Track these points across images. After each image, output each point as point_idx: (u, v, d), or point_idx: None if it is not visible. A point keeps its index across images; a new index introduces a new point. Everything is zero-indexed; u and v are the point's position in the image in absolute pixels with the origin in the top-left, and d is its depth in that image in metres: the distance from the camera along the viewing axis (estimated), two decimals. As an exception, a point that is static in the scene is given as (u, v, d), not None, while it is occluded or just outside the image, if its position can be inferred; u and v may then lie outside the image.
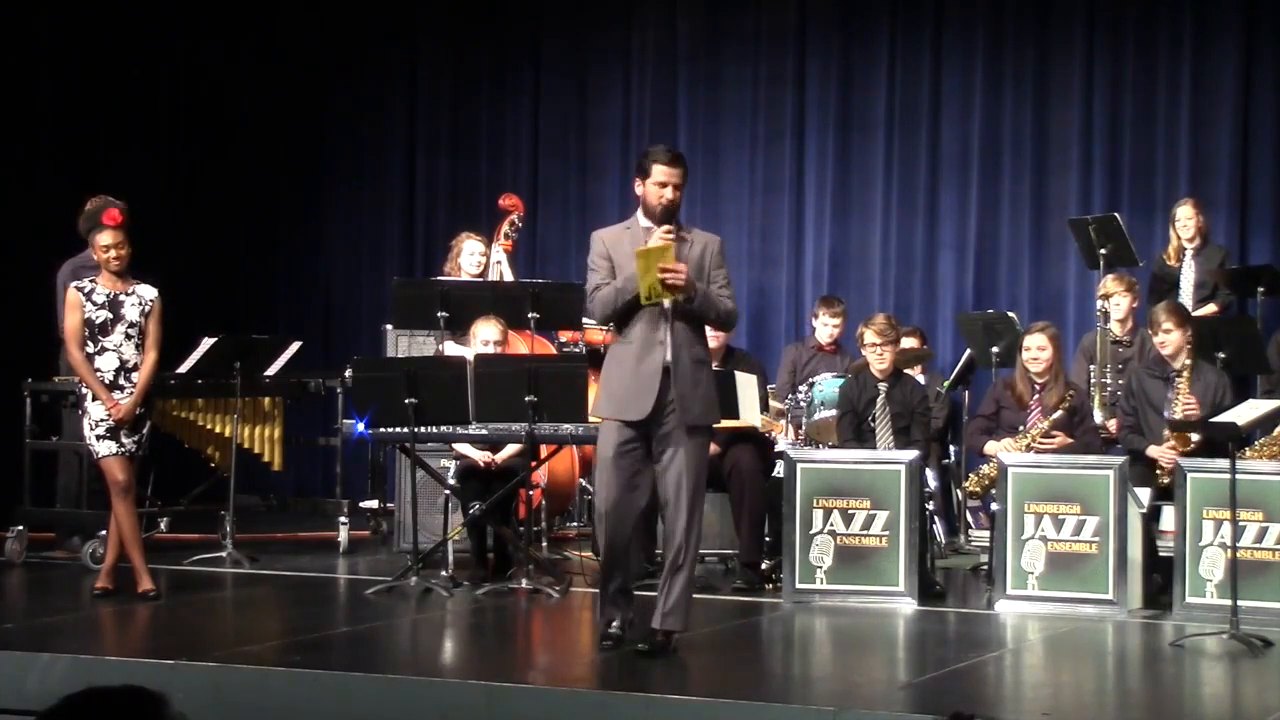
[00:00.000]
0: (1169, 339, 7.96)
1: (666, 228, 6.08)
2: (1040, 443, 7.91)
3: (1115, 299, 9.06)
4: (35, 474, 8.92)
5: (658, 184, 6.13)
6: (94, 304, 7.45)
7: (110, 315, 7.45)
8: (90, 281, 7.53)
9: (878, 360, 8.25)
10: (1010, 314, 9.68)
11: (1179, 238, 9.58)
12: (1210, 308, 9.37)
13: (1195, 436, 7.62)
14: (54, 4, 11.41)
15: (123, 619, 7.22)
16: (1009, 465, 7.55)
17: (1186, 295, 9.39)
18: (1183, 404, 7.83)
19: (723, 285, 6.24)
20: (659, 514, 6.19)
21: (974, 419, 8.52)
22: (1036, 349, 8.12)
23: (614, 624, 6.23)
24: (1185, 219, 9.54)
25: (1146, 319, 8.49)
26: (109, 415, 7.37)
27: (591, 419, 6.92)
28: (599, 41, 12.12)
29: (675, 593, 6.12)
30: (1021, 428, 8.03)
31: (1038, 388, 8.11)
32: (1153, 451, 7.81)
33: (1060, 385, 8.08)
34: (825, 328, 9.56)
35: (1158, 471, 7.76)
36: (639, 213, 6.26)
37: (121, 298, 7.47)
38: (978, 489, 8.20)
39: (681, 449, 6.08)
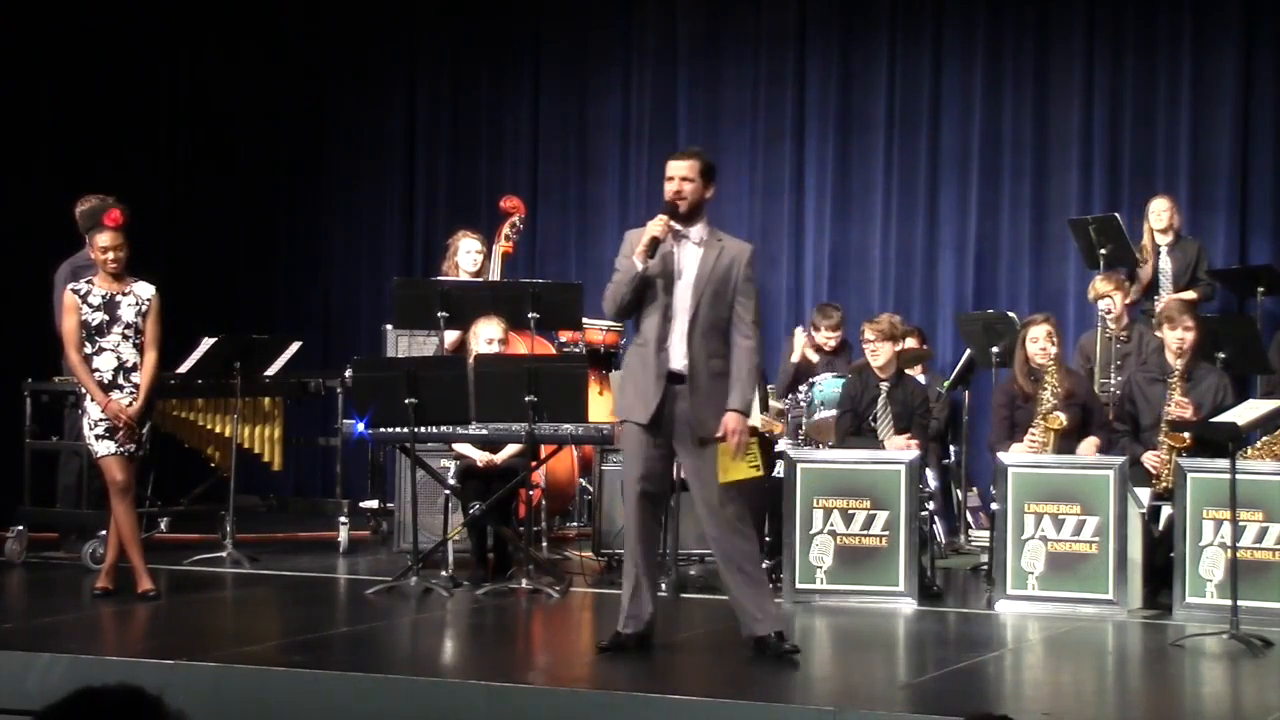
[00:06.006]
0: (1188, 337, 7.93)
1: (661, 218, 6.11)
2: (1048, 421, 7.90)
3: (1106, 299, 9.06)
4: (35, 474, 8.92)
5: (666, 179, 6.21)
6: (90, 306, 7.42)
7: (106, 316, 7.42)
8: (87, 283, 7.48)
9: (872, 357, 8.30)
10: (1010, 314, 9.67)
11: (1154, 232, 9.62)
12: (1191, 294, 9.42)
13: (1187, 437, 7.61)
14: (54, 5, 11.40)
15: (123, 619, 7.21)
16: (1009, 465, 7.54)
17: (1166, 289, 9.48)
18: (1177, 404, 7.81)
19: (746, 304, 6.14)
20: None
21: (995, 427, 8.35)
22: (1045, 338, 8.10)
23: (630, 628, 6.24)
24: (1161, 211, 9.63)
25: (1158, 316, 8.47)
26: (115, 420, 7.34)
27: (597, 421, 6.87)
28: (599, 41, 12.11)
29: (759, 597, 6.20)
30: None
31: (1044, 378, 8.09)
32: (1147, 459, 7.80)
33: (1064, 374, 8.08)
34: (829, 340, 9.54)
35: (1154, 481, 7.74)
36: None
37: (118, 298, 7.44)
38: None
39: (699, 463, 6.09)
